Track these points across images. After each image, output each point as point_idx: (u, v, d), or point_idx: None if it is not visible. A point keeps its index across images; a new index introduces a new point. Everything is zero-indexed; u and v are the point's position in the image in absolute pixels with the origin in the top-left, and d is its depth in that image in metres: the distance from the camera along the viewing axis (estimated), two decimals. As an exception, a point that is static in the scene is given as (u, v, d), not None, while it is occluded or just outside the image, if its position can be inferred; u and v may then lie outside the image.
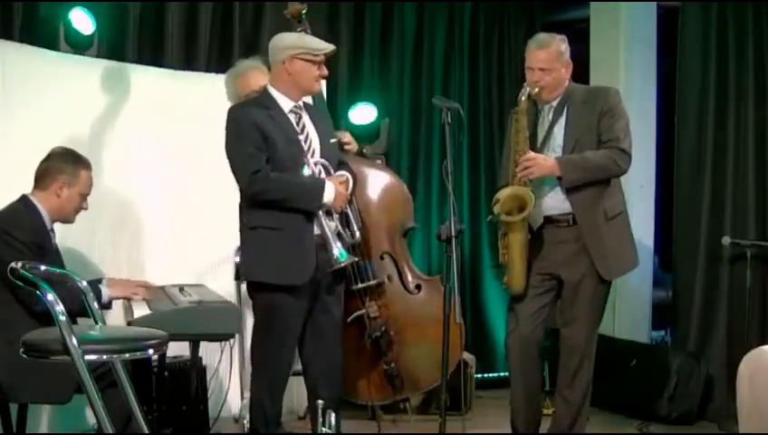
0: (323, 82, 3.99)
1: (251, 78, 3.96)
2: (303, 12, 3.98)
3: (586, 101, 3.81)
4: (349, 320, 3.99)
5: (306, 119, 3.61)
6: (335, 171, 3.61)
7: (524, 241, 3.76)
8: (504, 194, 3.76)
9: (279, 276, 3.47)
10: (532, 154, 3.73)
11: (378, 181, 4.27)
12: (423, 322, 4.14)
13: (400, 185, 4.40)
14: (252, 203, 3.50)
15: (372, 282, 4.10)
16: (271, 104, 3.54)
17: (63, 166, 3.54)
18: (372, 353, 4.14)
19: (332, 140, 3.68)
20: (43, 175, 3.54)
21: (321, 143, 3.60)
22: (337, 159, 3.68)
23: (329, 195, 3.45)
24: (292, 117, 3.56)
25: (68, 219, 3.63)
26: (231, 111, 3.57)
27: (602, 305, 3.88)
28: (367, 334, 4.08)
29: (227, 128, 3.54)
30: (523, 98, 3.76)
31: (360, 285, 4.05)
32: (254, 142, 3.45)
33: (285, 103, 3.56)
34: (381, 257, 4.23)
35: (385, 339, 4.12)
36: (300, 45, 3.53)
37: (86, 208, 3.64)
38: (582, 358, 3.83)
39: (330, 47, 3.56)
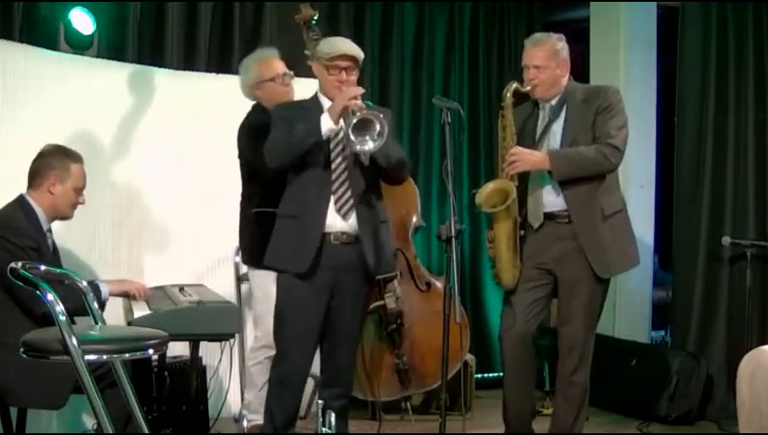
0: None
1: (276, 63, 4.07)
2: (315, 18, 3.82)
3: (585, 99, 3.81)
4: (367, 310, 3.98)
5: None
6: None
7: (511, 232, 3.75)
8: (486, 189, 3.76)
9: (280, 262, 3.54)
10: (517, 148, 3.73)
11: None
12: (432, 319, 4.15)
13: (411, 181, 4.40)
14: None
15: (392, 273, 4.11)
16: (314, 105, 3.63)
17: (53, 162, 3.50)
18: (385, 347, 4.14)
19: None
20: (35, 174, 3.50)
21: None
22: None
23: (326, 110, 3.49)
24: None
25: (65, 215, 3.56)
26: (275, 109, 3.75)
27: (600, 304, 3.87)
28: (383, 326, 4.09)
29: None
30: (508, 94, 3.79)
31: (378, 277, 4.05)
32: (280, 130, 3.54)
33: (327, 104, 3.60)
34: (394, 254, 4.25)
35: (399, 332, 4.12)
36: (318, 49, 3.61)
37: (83, 203, 3.59)
38: (580, 357, 3.81)
39: (337, 51, 3.55)
